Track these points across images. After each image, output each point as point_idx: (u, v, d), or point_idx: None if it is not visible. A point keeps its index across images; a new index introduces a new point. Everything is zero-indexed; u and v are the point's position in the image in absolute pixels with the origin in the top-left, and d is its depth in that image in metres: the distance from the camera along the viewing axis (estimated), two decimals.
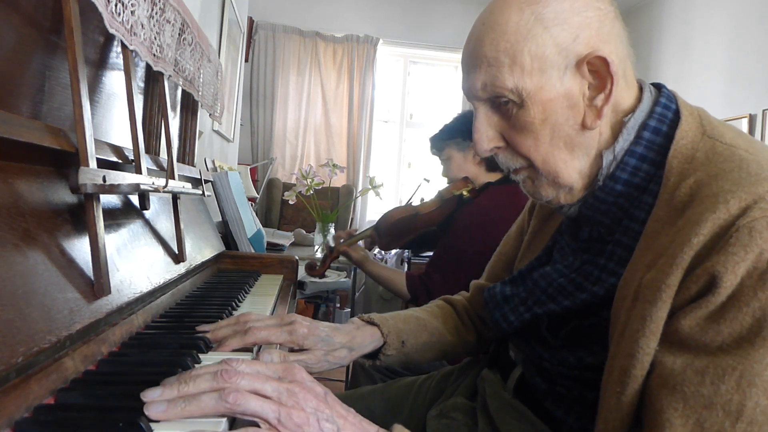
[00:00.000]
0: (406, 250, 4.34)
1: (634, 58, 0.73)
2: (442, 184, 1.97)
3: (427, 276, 1.81)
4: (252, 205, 2.52)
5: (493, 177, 1.88)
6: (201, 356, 0.72)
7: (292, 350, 0.85)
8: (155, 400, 0.51)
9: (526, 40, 0.67)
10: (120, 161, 0.85)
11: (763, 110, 3.66)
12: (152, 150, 1.21)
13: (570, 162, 0.71)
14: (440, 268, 1.79)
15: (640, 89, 0.74)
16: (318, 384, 0.57)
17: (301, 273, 1.98)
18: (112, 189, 0.73)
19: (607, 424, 0.61)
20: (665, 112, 0.71)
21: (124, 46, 0.87)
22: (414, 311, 1.04)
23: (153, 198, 1.00)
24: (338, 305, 4.11)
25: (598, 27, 0.67)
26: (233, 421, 0.56)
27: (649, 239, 0.64)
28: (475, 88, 0.72)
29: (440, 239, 1.90)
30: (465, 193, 1.82)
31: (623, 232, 0.71)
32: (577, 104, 0.68)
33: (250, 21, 4.73)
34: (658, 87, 0.75)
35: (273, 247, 2.40)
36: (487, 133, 0.73)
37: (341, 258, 1.99)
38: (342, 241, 1.91)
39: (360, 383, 1.67)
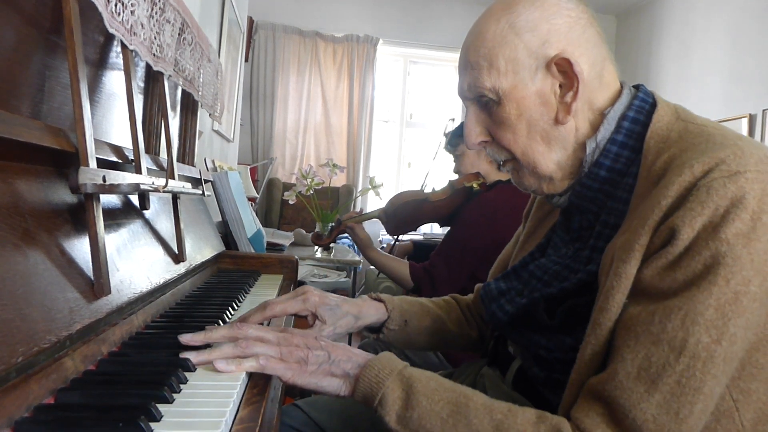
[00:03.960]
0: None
1: (614, 60, 0.80)
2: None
3: (432, 266, 1.81)
4: (252, 205, 2.52)
5: (504, 176, 1.88)
6: None
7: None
8: (188, 341, 0.72)
9: (501, 45, 0.75)
10: (120, 161, 0.85)
11: (763, 110, 3.66)
12: (152, 150, 1.21)
13: (547, 154, 0.78)
14: (445, 259, 1.79)
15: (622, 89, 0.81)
16: (306, 332, 0.76)
17: (302, 273, 1.98)
18: (112, 189, 0.73)
19: (580, 373, 0.66)
20: (643, 104, 0.77)
21: (124, 46, 0.87)
22: (420, 299, 1.10)
23: (153, 198, 1.00)
24: None
25: (566, 32, 0.75)
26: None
27: (631, 212, 0.70)
28: (463, 89, 0.81)
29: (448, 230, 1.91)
30: (475, 185, 1.84)
31: (608, 213, 0.76)
32: (549, 101, 0.76)
33: (250, 21, 4.72)
34: (637, 86, 0.82)
35: (273, 247, 2.40)
36: (475, 129, 0.81)
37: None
38: (352, 217, 1.94)
39: None
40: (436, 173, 2.04)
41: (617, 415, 0.61)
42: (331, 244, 2.60)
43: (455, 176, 1.97)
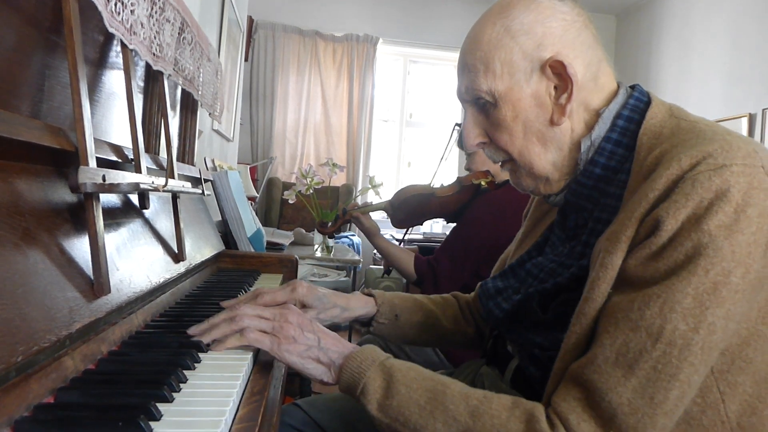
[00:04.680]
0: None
1: (610, 62, 0.81)
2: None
3: (436, 260, 1.81)
4: (252, 204, 2.52)
5: None
6: (201, 355, 0.73)
7: None
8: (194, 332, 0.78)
9: (497, 48, 0.77)
10: (120, 160, 0.85)
11: (763, 110, 3.66)
12: (152, 149, 1.21)
13: (543, 155, 0.79)
14: (449, 254, 1.79)
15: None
16: (306, 315, 0.80)
17: (302, 272, 1.97)
18: (111, 188, 0.73)
19: (564, 363, 0.67)
20: (638, 104, 0.78)
21: (123, 46, 0.87)
22: (415, 295, 1.12)
23: (153, 197, 1.00)
24: None
25: (561, 35, 0.76)
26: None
27: (623, 207, 0.70)
28: (461, 91, 0.82)
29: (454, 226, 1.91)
30: (483, 183, 1.83)
31: (601, 209, 0.77)
32: (545, 103, 0.77)
33: (250, 20, 4.72)
34: (633, 87, 0.82)
35: (273, 246, 2.39)
36: (473, 131, 0.82)
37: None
38: (356, 207, 1.94)
39: None
40: (443, 170, 2.02)
41: (594, 399, 0.62)
42: (332, 243, 2.61)
43: (463, 173, 1.97)
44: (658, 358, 0.60)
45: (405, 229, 2.13)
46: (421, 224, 2.06)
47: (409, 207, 1.91)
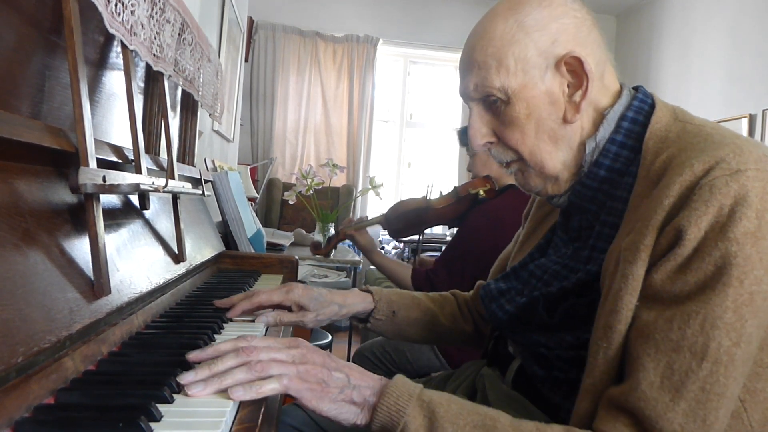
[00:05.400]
0: (406, 251, 4.34)
1: (613, 62, 0.80)
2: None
3: (434, 272, 1.81)
4: (252, 205, 2.52)
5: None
6: None
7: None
8: (192, 381, 0.60)
9: (511, 44, 0.75)
10: (120, 161, 0.85)
11: (763, 110, 3.66)
12: (152, 150, 1.21)
13: (554, 154, 0.77)
14: (447, 265, 1.79)
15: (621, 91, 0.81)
16: (319, 349, 0.69)
17: (302, 273, 1.97)
18: (112, 189, 0.73)
19: (594, 378, 0.65)
20: (642, 105, 0.78)
21: (124, 46, 0.87)
22: (414, 293, 1.12)
23: (153, 198, 1.00)
24: None
25: (574, 32, 0.75)
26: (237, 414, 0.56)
27: (631, 212, 0.70)
28: (469, 89, 0.80)
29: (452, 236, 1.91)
30: (481, 192, 1.81)
31: (608, 213, 0.77)
32: (558, 100, 0.76)
33: (250, 21, 4.72)
34: (636, 88, 0.82)
35: (273, 247, 2.39)
36: (480, 130, 0.80)
37: (347, 249, 2.00)
38: (351, 225, 1.94)
39: None
40: (441, 176, 2.01)
41: (644, 426, 0.60)
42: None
43: (463, 176, 1.96)
44: (705, 378, 0.58)
45: (417, 236, 2.13)
46: (420, 233, 2.05)
47: (405, 221, 1.89)
